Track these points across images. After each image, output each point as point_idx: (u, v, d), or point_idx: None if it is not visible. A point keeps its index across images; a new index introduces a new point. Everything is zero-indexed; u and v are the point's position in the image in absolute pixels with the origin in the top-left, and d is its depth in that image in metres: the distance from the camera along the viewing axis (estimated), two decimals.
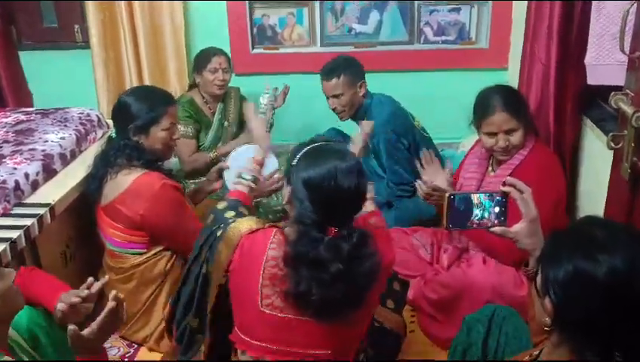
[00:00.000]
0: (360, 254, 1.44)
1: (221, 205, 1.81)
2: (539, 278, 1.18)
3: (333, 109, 3.01)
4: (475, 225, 1.43)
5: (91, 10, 3.49)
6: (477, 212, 1.42)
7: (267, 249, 1.52)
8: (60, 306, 1.63)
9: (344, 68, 2.95)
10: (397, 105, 3.02)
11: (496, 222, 1.43)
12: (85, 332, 1.44)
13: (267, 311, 1.52)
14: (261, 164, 2.07)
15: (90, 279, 1.70)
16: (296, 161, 1.51)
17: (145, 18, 3.52)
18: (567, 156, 2.53)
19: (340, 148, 1.53)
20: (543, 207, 2.04)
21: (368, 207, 1.86)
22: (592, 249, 1.08)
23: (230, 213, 1.74)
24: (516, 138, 2.18)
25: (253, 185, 1.98)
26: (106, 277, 1.61)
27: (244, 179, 1.99)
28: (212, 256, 1.64)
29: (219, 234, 1.63)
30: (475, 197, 1.42)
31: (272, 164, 2.38)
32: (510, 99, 2.18)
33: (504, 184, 1.43)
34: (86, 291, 1.66)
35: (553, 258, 1.13)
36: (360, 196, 1.49)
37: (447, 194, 1.41)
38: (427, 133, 3.10)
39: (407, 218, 2.85)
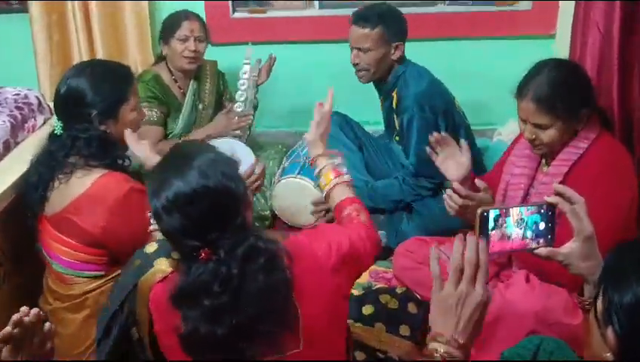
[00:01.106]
0: (249, 271, 1.47)
1: (150, 248, 1.83)
2: (599, 303, 1.17)
3: (355, 65, 3.01)
4: (515, 248, 1.42)
5: None
6: (517, 230, 1.41)
7: None
8: None
9: (384, 18, 2.94)
10: (436, 78, 3.04)
11: (541, 241, 1.43)
12: None
13: None
14: None
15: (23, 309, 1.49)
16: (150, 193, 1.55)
17: None
18: (634, 143, 2.54)
19: (181, 162, 1.54)
20: (613, 214, 2.07)
21: (339, 194, 1.87)
22: None
23: (161, 261, 1.75)
24: (547, 136, 2.18)
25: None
26: (35, 309, 1.52)
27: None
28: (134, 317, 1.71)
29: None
30: (514, 213, 1.40)
31: (246, 158, 2.35)
32: (550, 87, 2.15)
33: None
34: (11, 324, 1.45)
35: (619, 278, 1.13)
36: (225, 203, 1.50)
37: (478, 211, 1.39)
38: (466, 118, 3.11)
39: (432, 226, 2.85)
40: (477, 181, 2.28)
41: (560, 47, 3.29)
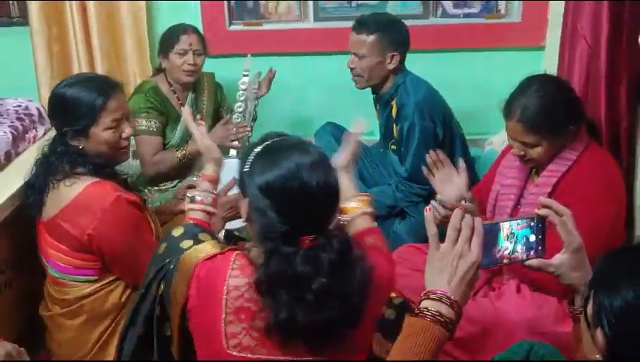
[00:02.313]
0: (344, 262, 1.47)
1: (177, 232, 1.83)
2: (589, 306, 1.19)
3: (351, 69, 3.03)
4: (506, 260, 1.43)
5: None
6: (508, 243, 1.42)
7: (227, 277, 1.54)
8: None
9: (381, 27, 2.95)
10: (433, 88, 3.06)
11: (532, 253, 1.44)
12: None
13: (235, 353, 1.53)
14: (214, 181, 2.04)
15: None
16: (248, 166, 1.53)
17: None
18: (622, 153, 2.56)
19: (298, 141, 1.57)
20: (601, 224, 2.09)
21: (361, 222, 1.89)
22: None
23: (187, 243, 1.75)
24: (536, 153, 2.20)
25: (210, 208, 1.95)
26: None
27: (193, 202, 1.96)
28: (167, 294, 1.67)
29: (172, 267, 1.67)
30: (505, 226, 1.41)
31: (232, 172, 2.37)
32: (537, 108, 2.15)
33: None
34: None
35: (608, 283, 1.15)
36: (333, 194, 1.52)
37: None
38: (461, 128, 3.13)
39: (425, 231, 2.85)
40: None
41: (549, 59, 3.32)
